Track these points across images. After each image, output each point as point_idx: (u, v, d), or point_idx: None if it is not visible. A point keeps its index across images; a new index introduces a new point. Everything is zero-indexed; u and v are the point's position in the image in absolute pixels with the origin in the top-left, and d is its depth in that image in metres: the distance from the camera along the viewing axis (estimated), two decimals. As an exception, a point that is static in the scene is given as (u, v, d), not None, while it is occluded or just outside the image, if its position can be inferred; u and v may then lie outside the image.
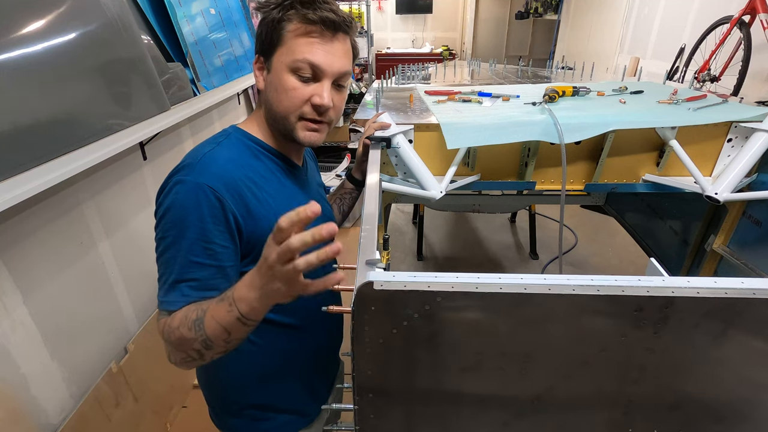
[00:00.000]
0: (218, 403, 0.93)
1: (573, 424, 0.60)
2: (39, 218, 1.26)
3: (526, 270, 3.07)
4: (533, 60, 5.83)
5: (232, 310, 0.62)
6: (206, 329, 0.64)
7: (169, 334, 0.66)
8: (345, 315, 0.91)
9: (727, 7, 2.88)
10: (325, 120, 0.80)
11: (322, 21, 0.73)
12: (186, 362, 0.68)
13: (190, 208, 0.68)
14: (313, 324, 0.90)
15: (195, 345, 0.64)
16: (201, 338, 0.64)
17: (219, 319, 0.63)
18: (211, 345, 0.64)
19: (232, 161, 0.75)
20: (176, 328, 0.65)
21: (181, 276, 0.68)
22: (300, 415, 0.95)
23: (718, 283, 0.50)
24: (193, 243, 0.68)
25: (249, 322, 0.63)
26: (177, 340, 0.65)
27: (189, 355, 0.66)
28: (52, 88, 1.17)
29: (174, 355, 0.68)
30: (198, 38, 2.04)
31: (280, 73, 0.76)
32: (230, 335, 0.64)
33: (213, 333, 0.63)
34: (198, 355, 0.66)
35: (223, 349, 0.66)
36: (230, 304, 0.62)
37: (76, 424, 1.32)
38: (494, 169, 1.29)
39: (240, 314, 0.61)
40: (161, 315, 0.69)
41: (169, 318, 0.67)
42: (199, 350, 0.65)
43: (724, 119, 1.16)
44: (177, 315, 0.66)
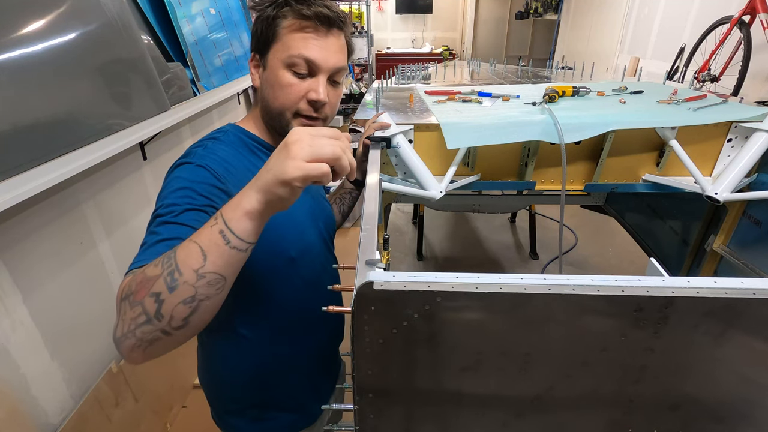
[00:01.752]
0: (219, 403, 0.93)
1: (573, 424, 0.60)
2: (39, 218, 1.26)
3: (526, 270, 3.07)
4: (533, 60, 5.83)
5: (216, 222, 0.52)
6: (177, 257, 0.51)
7: (132, 283, 0.52)
8: (345, 315, 0.92)
9: (727, 7, 2.88)
10: (321, 116, 0.80)
11: (317, 16, 0.73)
12: (133, 332, 0.51)
13: (188, 180, 0.67)
14: (313, 323, 0.90)
15: (156, 285, 0.50)
16: (168, 270, 0.50)
17: (197, 238, 0.52)
18: (176, 282, 0.50)
19: (230, 154, 0.75)
20: (141, 272, 0.53)
21: (165, 236, 0.60)
22: (302, 415, 0.95)
23: (718, 283, 0.50)
24: (185, 209, 0.63)
25: (233, 238, 0.52)
26: (138, 285, 0.51)
27: (143, 310, 0.50)
28: (52, 88, 1.17)
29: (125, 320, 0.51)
30: (198, 38, 2.04)
31: (275, 70, 0.76)
32: (205, 260, 0.51)
33: (183, 258, 0.51)
34: (154, 309, 0.50)
35: (188, 295, 0.50)
36: (215, 218, 0.53)
37: (76, 424, 1.32)
38: (494, 169, 1.29)
39: (225, 225, 0.51)
40: (127, 275, 0.56)
41: (138, 270, 0.54)
42: (157, 295, 0.50)
43: (724, 119, 1.16)
44: (146, 265, 0.54)
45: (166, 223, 0.61)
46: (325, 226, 0.95)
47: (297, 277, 0.84)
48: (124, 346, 0.52)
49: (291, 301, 0.84)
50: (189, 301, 0.51)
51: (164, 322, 0.50)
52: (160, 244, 0.58)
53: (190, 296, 0.51)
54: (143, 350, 0.52)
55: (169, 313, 0.50)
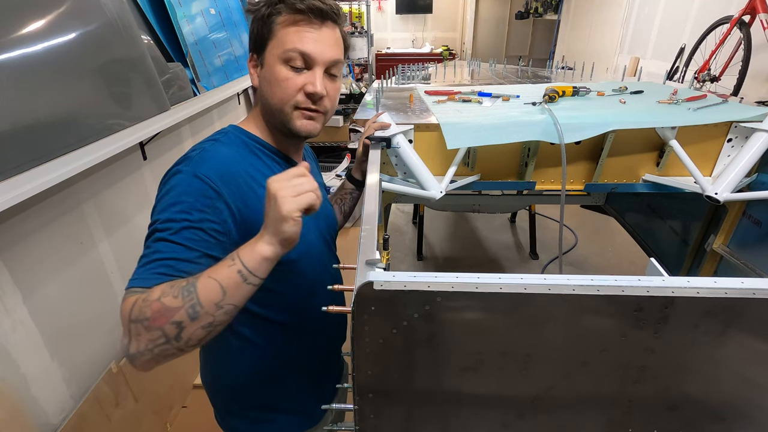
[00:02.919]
0: (222, 405, 0.93)
1: (573, 424, 0.60)
2: (39, 218, 1.26)
3: (526, 270, 3.07)
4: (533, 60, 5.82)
5: (234, 263, 0.60)
6: (198, 292, 0.58)
7: (145, 309, 0.57)
8: (346, 315, 0.91)
9: (727, 7, 2.88)
10: (321, 109, 0.80)
11: (310, 9, 0.74)
12: (151, 351, 0.57)
13: (184, 194, 0.67)
14: (315, 324, 0.90)
15: (178, 315, 0.57)
16: (189, 304, 0.57)
17: (215, 275, 0.59)
18: (198, 313, 0.57)
19: (230, 156, 0.75)
20: (156, 299, 0.57)
21: (164, 255, 0.63)
22: (305, 417, 0.94)
23: (718, 283, 0.50)
24: (182, 226, 0.65)
25: (250, 276, 0.60)
26: (155, 312, 0.57)
27: (163, 334, 0.57)
28: (52, 88, 1.17)
29: (141, 339, 0.57)
30: (198, 38, 2.04)
31: (272, 66, 0.76)
32: (225, 296, 0.59)
33: (206, 295, 0.58)
34: (174, 333, 0.57)
35: (209, 321, 0.59)
36: (232, 258, 0.61)
37: (76, 424, 1.32)
38: (494, 169, 1.29)
39: (243, 266, 0.60)
40: (130, 293, 0.60)
41: (144, 293, 0.59)
42: (179, 323, 0.57)
43: (724, 119, 1.15)
44: (156, 289, 0.59)
45: (163, 240, 0.64)
46: (326, 227, 0.94)
47: (298, 277, 0.84)
48: (140, 361, 0.59)
49: (293, 301, 0.84)
50: (207, 326, 0.59)
51: (182, 343, 0.58)
52: (159, 265, 0.62)
53: (209, 323, 0.59)
54: (156, 362, 0.59)
55: (188, 336, 0.58)
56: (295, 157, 0.89)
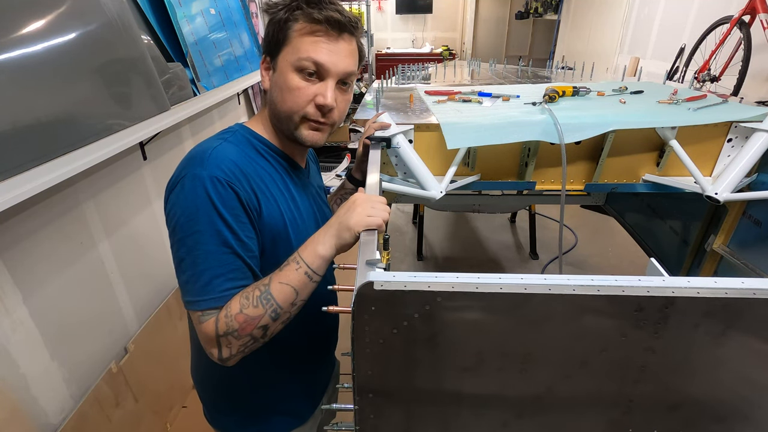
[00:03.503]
0: (211, 402, 0.93)
1: (573, 424, 0.60)
2: (39, 218, 1.26)
3: (526, 270, 3.07)
4: (533, 60, 5.82)
5: (300, 266, 0.68)
6: (275, 298, 0.67)
7: (230, 322, 0.66)
8: (342, 315, 0.91)
9: (727, 7, 2.88)
10: (328, 121, 0.80)
11: (327, 20, 0.73)
12: (242, 351, 0.70)
13: (206, 203, 0.67)
14: (307, 324, 0.90)
15: (262, 320, 0.67)
16: (270, 309, 0.67)
17: (287, 280, 0.68)
18: (278, 314, 0.68)
19: (239, 156, 0.75)
20: (238, 312, 0.67)
21: (215, 271, 0.68)
22: (292, 416, 0.94)
23: (718, 283, 0.50)
24: (217, 236, 0.68)
25: (315, 276, 0.69)
26: (242, 324, 0.66)
27: (252, 337, 0.68)
28: (52, 88, 1.17)
29: (232, 346, 0.68)
30: (198, 38, 2.04)
31: (285, 73, 0.76)
32: (297, 296, 0.69)
33: (283, 298, 0.68)
34: (261, 334, 0.69)
35: (287, 317, 0.70)
36: (297, 262, 0.69)
37: (76, 424, 1.32)
38: (494, 169, 1.29)
39: (308, 268, 0.68)
40: (205, 315, 0.68)
41: (222, 311, 0.67)
42: (265, 326, 0.68)
43: (724, 119, 1.16)
44: (232, 304, 0.67)
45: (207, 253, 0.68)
46: None
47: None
48: (232, 360, 0.70)
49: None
50: (285, 320, 0.72)
51: (267, 338, 0.71)
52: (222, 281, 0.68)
53: (287, 318, 0.71)
54: (244, 355, 0.71)
55: (272, 332, 0.71)
56: (300, 160, 0.90)
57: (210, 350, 0.69)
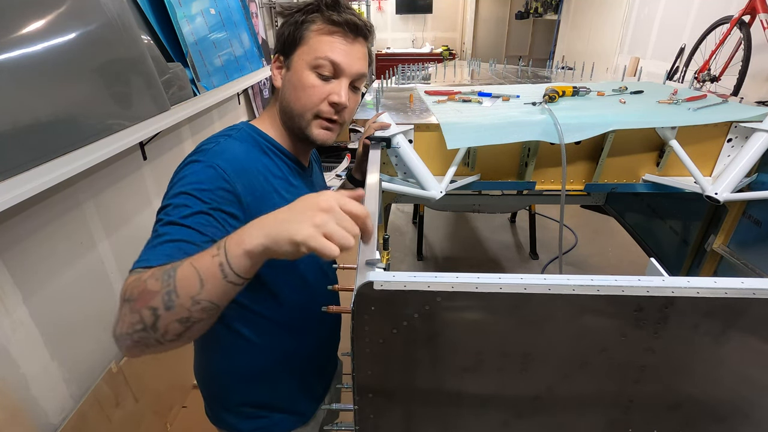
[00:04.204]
0: (214, 399, 0.93)
1: (573, 424, 0.60)
2: (39, 218, 1.26)
3: (526, 270, 3.07)
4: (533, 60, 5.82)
5: (218, 254, 0.53)
6: (176, 278, 0.52)
7: (134, 287, 0.54)
8: (344, 314, 0.91)
9: (727, 7, 2.88)
10: (339, 120, 0.82)
11: (346, 23, 0.76)
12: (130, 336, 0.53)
13: (198, 181, 0.67)
14: (310, 323, 0.90)
15: (154, 300, 0.52)
16: (166, 290, 0.52)
17: (197, 263, 0.53)
18: (173, 302, 0.52)
19: (243, 152, 0.76)
20: (145, 279, 0.54)
21: (173, 237, 0.60)
22: (295, 414, 0.95)
23: (718, 283, 0.50)
24: (194, 211, 0.63)
25: (230, 274, 0.52)
26: (139, 293, 0.53)
27: (141, 320, 0.52)
28: (52, 88, 1.17)
29: (124, 321, 0.53)
30: (198, 38, 2.04)
31: (300, 71, 0.78)
32: (202, 289, 0.52)
33: (182, 282, 0.52)
34: (151, 320, 0.52)
35: (185, 315, 0.53)
36: (218, 247, 0.53)
37: (76, 424, 1.32)
38: (494, 169, 1.29)
39: (226, 259, 0.52)
40: (133, 273, 0.57)
41: (143, 271, 0.56)
42: (155, 309, 0.52)
43: (724, 119, 1.16)
44: (152, 269, 0.56)
45: (173, 223, 0.62)
46: None
47: (296, 277, 0.84)
48: (123, 345, 0.55)
49: (290, 301, 0.84)
50: (184, 321, 0.53)
51: (158, 335, 0.53)
52: (167, 245, 0.59)
53: (185, 317, 0.53)
54: (140, 350, 0.55)
55: (164, 328, 0.53)
56: (304, 160, 0.91)
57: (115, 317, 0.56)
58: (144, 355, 0.56)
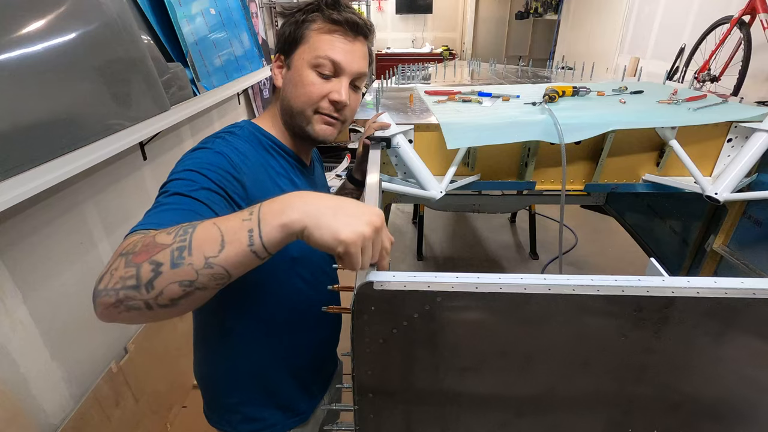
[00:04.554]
0: (213, 399, 0.93)
1: (573, 424, 0.60)
2: (39, 218, 1.26)
3: (526, 270, 3.07)
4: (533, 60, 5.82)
5: (250, 218, 0.48)
6: (194, 234, 0.47)
7: (138, 241, 0.49)
8: (343, 315, 0.91)
9: (727, 7, 2.88)
10: (341, 117, 0.82)
11: (347, 22, 0.77)
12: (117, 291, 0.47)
13: (207, 162, 0.66)
14: (310, 323, 0.90)
15: (161, 255, 0.47)
16: (179, 244, 0.47)
17: (222, 224, 0.48)
18: (181, 260, 0.46)
19: (245, 148, 0.76)
20: (153, 235, 0.49)
21: (181, 207, 0.57)
22: (293, 413, 0.95)
23: (718, 283, 0.50)
24: (203, 186, 0.61)
25: (257, 244, 0.47)
26: (144, 246, 0.48)
27: (135, 275, 0.47)
28: (52, 88, 1.17)
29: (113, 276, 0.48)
30: (198, 38, 2.04)
31: (300, 69, 0.78)
32: (220, 252, 0.47)
33: (200, 239, 0.47)
34: (148, 277, 0.46)
35: (187, 278, 0.47)
36: (250, 212, 0.49)
37: (76, 424, 1.32)
38: (494, 169, 1.29)
39: (258, 226, 0.47)
40: (133, 233, 0.53)
41: (146, 232, 0.52)
42: (158, 264, 0.46)
43: (724, 119, 1.15)
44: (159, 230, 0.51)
45: (181, 195, 0.58)
46: None
47: (297, 276, 0.84)
48: (101, 301, 0.49)
49: (290, 300, 0.84)
50: (186, 284, 0.47)
51: (151, 295, 0.47)
52: (175, 211, 0.55)
53: (189, 280, 0.47)
54: (118, 312, 0.49)
55: (161, 289, 0.46)
56: (305, 158, 0.91)
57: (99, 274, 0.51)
58: (120, 320, 0.50)
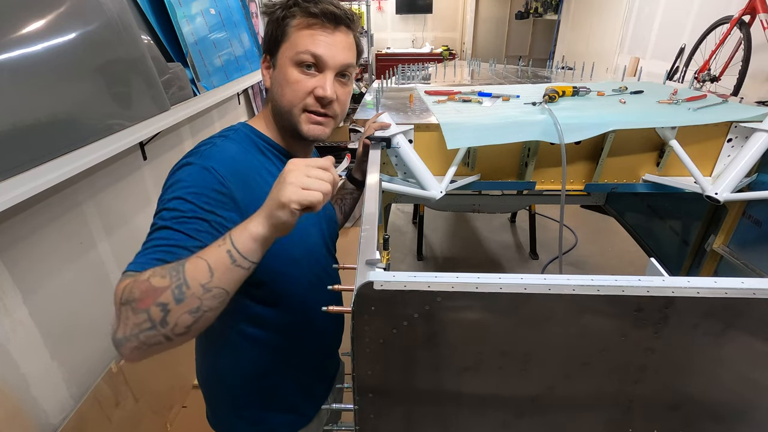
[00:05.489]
0: (216, 403, 0.93)
1: (573, 424, 0.60)
2: (39, 218, 1.26)
3: (526, 270, 3.07)
4: (533, 60, 5.82)
5: (224, 243, 0.57)
6: (185, 271, 0.55)
7: (134, 289, 0.54)
8: (345, 315, 0.91)
9: (727, 7, 2.88)
10: (330, 114, 0.81)
11: (323, 14, 0.75)
12: (137, 337, 0.54)
13: (193, 185, 0.67)
14: (311, 323, 0.90)
15: (164, 295, 0.53)
16: (176, 283, 0.54)
17: (204, 255, 0.56)
18: (183, 294, 0.54)
19: (239, 153, 0.76)
20: (146, 279, 0.55)
21: (165, 242, 0.61)
22: (297, 415, 0.95)
23: (718, 283, 0.50)
24: (188, 216, 0.64)
25: (239, 258, 0.56)
26: (142, 293, 0.54)
27: (149, 319, 0.53)
28: (52, 88, 1.17)
29: (127, 324, 0.54)
30: (198, 38, 2.04)
31: (284, 68, 0.77)
32: (212, 277, 0.55)
33: (193, 274, 0.55)
34: (160, 317, 0.53)
35: (195, 305, 0.55)
36: (223, 238, 0.57)
37: (76, 424, 1.32)
38: (494, 169, 1.29)
39: (233, 245, 0.56)
40: (125, 277, 0.58)
41: (136, 274, 0.57)
42: (165, 305, 0.53)
43: (724, 119, 1.15)
44: (146, 271, 0.56)
45: (166, 228, 0.63)
46: (328, 230, 0.95)
47: (299, 277, 0.84)
48: (126, 348, 0.55)
49: (293, 302, 0.84)
50: (194, 311, 0.55)
51: (168, 329, 0.54)
52: (158, 250, 0.60)
53: (196, 307, 0.55)
54: (143, 351, 0.55)
55: (174, 321, 0.54)
56: (302, 158, 0.89)
57: (112, 323, 0.57)
58: (147, 356, 0.57)
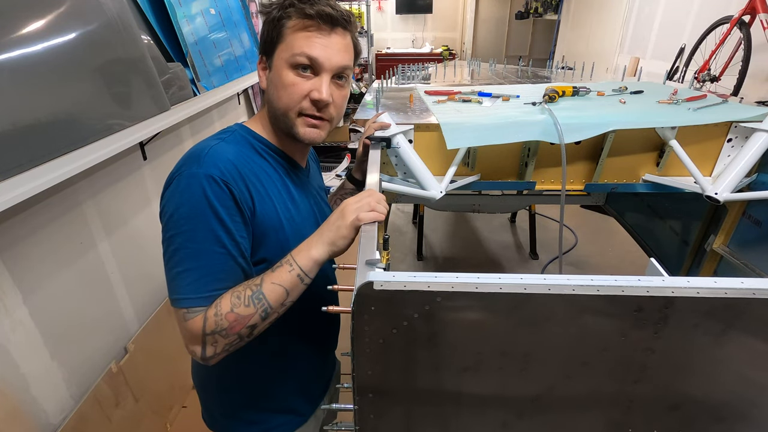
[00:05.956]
0: (212, 404, 0.93)
1: (573, 424, 0.60)
2: (39, 218, 1.26)
3: (526, 270, 3.07)
4: (533, 60, 5.82)
5: (293, 269, 0.70)
6: (267, 297, 0.68)
7: (220, 321, 0.66)
8: (341, 315, 0.91)
9: (727, 7, 2.88)
10: (326, 117, 0.80)
11: (319, 15, 0.73)
12: (227, 350, 0.69)
13: (201, 200, 0.67)
14: (309, 324, 0.90)
15: (252, 320, 0.68)
16: (261, 309, 0.68)
17: (280, 281, 0.69)
18: (268, 313, 0.69)
19: (237, 155, 0.75)
20: (229, 311, 0.67)
21: (205, 270, 0.68)
22: (294, 415, 0.94)
23: (718, 283, 0.50)
24: (210, 234, 0.67)
25: (306, 278, 0.71)
26: (231, 323, 0.67)
27: (239, 336, 0.68)
28: (52, 88, 1.17)
29: (217, 345, 0.68)
30: (198, 38, 2.04)
31: (280, 70, 0.76)
32: (288, 296, 0.70)
33: (274, 298, 0.69)
34: (248, 333, 0.69)
35: (275, 317, 0.71)
36: (290, 264, 0.70)
37: (76, 424, 1.32)
38: (494, 169, 1.29)
39: (301, 270, 0.70)
40: (191, 313, 0.67)
41: (211, 309, 0.67)
42: (253, 325, 0.69)
43: (724, 119, 1.15)
44: (222, 302, 0.67)
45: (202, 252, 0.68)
46: None
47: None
48: (214, 359, 0.70)
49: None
50: (272, 320, 0.72)
51: (252, 337, 0.71)
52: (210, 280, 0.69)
53: (275, 318, 0.71)
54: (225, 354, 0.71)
55: (258, 331, 0.71)
56: (300, 159, 0.89)
57: (192, 348, 0.68)
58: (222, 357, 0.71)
